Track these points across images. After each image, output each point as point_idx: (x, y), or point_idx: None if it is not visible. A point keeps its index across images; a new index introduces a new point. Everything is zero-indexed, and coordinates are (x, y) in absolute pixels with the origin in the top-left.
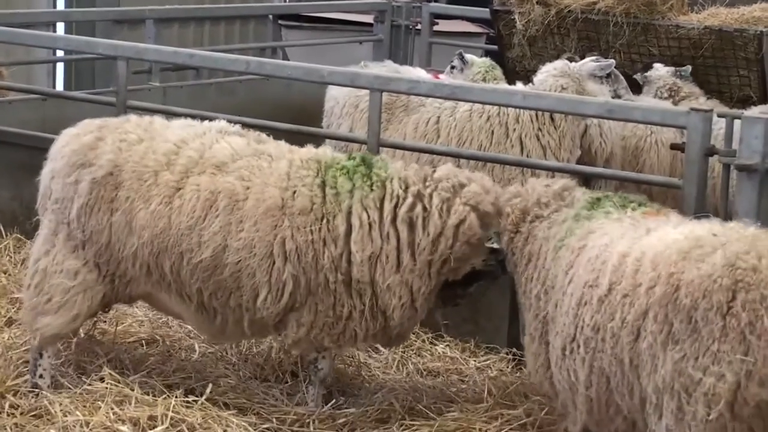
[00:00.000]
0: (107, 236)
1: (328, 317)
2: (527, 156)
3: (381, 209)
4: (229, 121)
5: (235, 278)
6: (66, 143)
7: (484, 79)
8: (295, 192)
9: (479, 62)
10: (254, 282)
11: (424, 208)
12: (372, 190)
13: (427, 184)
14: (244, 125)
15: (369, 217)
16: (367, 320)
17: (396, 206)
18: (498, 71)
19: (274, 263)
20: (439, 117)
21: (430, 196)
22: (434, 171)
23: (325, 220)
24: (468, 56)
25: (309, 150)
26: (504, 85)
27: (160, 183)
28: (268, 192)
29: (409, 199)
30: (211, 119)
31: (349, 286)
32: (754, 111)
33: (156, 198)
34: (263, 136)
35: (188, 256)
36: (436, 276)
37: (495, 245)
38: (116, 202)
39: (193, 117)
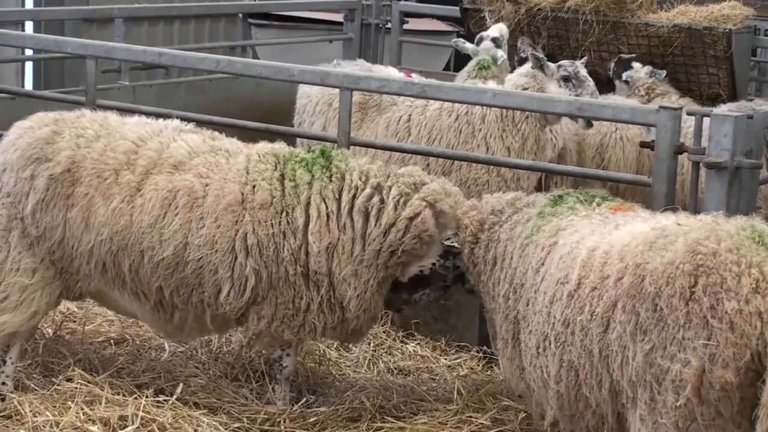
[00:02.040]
0: (61, 233)
1: (288, 310)
2: None
3: (339, 200)
4: (199, 120)
5: (197, 275)
6: (20, 135)
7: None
8: (255, 186)
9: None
10: (216, 278)
11: (381, 200)
12: (331, 181)
13: (389, 178)
14: (214, 124)
15: (327, 207)
16: (324, 313)
17: (354, 197)
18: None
19: (236, 258)
20: (410, 115)
21: (389, 188)
22: (399, 169)
23: (284, 213)
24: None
25: (265, 145)
26: (476, 84)
27: (122, 182)
28: (227, 188)
29: (367, 190)
30: (180, 118)
31: (308, 277)
32: (723, 109)
33: (117, 196)
34: (216, 133)
35: (149, 254)
36: (383, 268)
37: (451, 243)
38: (73, 198)
39: (163, 116)
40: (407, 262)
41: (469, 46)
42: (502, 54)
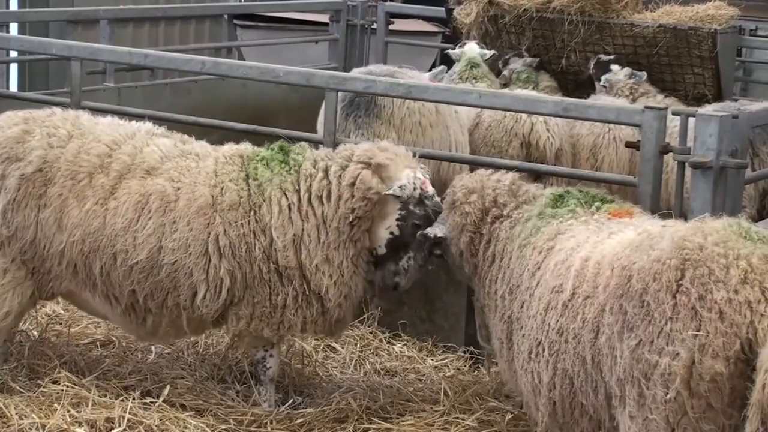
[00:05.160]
0: (33, 233)
1: (265, 308)
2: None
3: (299, 191)
4: (185, 122)
5: (172, 278)
6: None
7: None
8: (223, 188)
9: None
10: (192, 281)
11: (328, 180)
12: (290, 174)
13: (332, 159)
14: (200, 125)
15: (288, 200)
16: (302, 307)
17: (310, 185)
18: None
19: (210, 260)
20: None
21: (330, 167)
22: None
23: (252, 212)
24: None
25: (231, 146)
26: (460, 85)
27: (95, 185)
28: (198, 191)
29: (319, 174)
30: (166, 120)
31: (281, 274)
32: (708, 109)
33: (91, 198)
34: (186, 136)
35: (122, 257)
36: (350, 244)
37: (393, 192)
38: (45, 198)
39: (148, 118)
40: (370, 228)
41: (457, 51)
42: (487, 51)
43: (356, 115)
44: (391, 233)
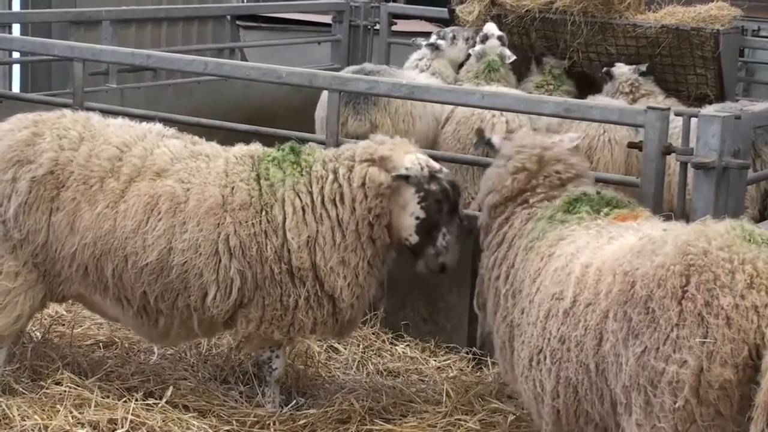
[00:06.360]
0: (44, 235)
1: (276, 310)
2: None
3: (311, 193)
4: (187, 123)
5: (182, 279)
6: None
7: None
8: (233, 188)
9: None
10: (202, 281)
11: (339, 184)
12: (302, 175)
13: (337, 160)
14: (203, 126)
15: (302, 201)
16: (313, 308)
17: (322, 188)
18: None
19: (220, 261)
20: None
21: (338, 170)
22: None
23: (264, 212)
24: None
25: (242, 147)
26: (464, 86)
27: (106, 189)
28: (208, 191)
29: (330, 176)
30: (169, 121)
31: (293, 275)
32: (711, 109)
33: (102, 202)
34: (196, 138)
35: (133, 259)
36: (369, 245)
37: (400, 173)
38: (57, 201)
39: (151, 118)
40: (392, 222)
41: (478, 48)
42: (510, 53)
43: (356, 102)
44: (417, 218)
